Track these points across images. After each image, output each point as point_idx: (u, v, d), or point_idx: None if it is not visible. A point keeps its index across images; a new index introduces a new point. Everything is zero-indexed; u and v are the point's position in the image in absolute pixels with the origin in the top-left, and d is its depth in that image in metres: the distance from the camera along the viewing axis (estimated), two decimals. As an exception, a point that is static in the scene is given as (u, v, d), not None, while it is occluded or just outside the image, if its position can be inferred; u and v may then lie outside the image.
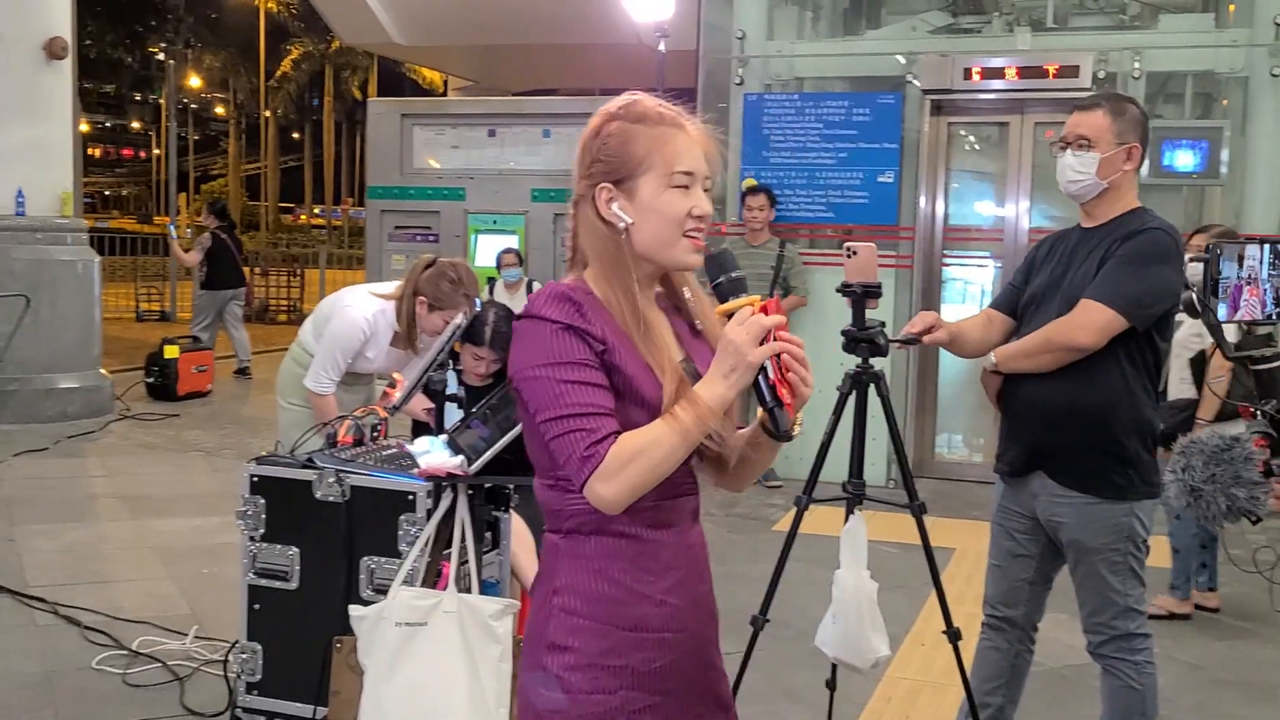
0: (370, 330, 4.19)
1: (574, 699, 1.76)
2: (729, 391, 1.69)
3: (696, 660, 1.86)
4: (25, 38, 9.05)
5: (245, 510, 3.54)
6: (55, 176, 9.39)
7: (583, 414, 1.69)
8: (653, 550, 1.80)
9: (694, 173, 1.81)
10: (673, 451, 1.68)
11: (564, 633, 1.78)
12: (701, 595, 1.89)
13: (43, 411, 8.91)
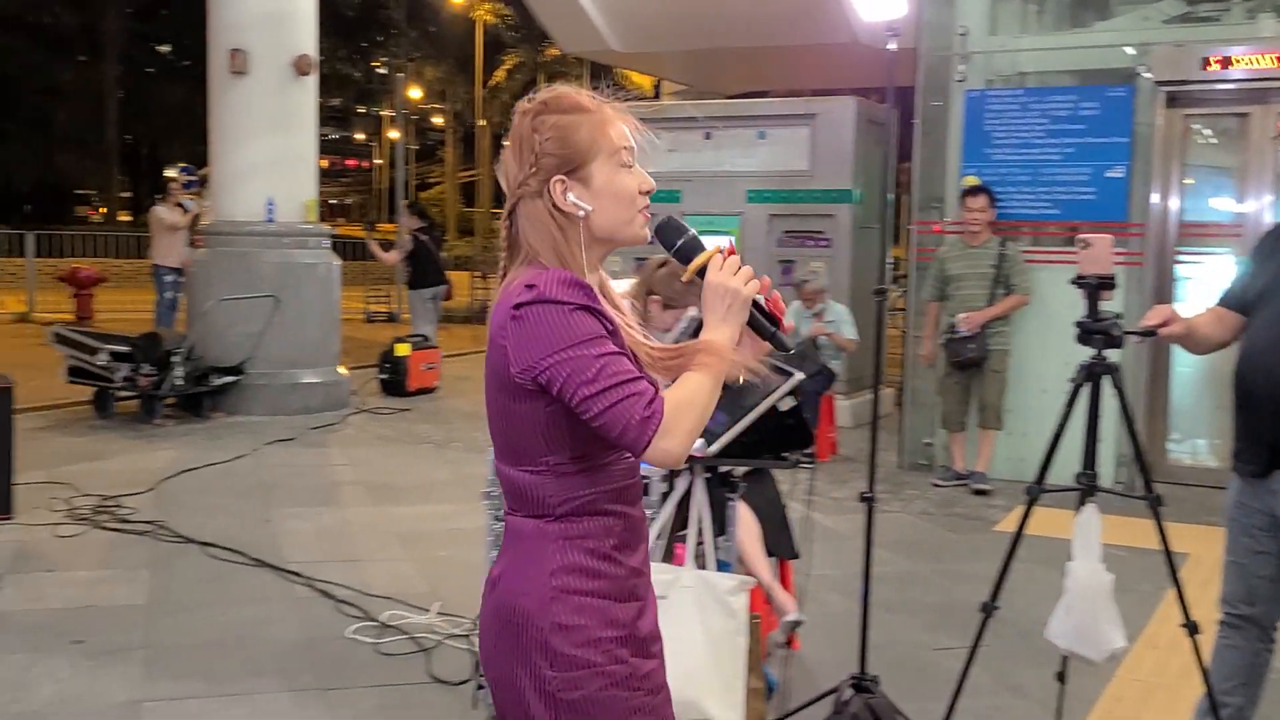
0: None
1: (588, 674, 1.81)
2: (734, 329, 1.82)
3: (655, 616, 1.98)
4: (276, 56, 9.66)
5: (490, 490, 3.75)
6: (301, 185, 10.00)
7: (628, 380, 1.74)
8: (633, 525, 1.90)
9: (634, 149, 1.88)
10: (712, 394, 1.79)
11: (569, 612, 1.82)
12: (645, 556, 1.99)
13: (288, 404, 9.50)
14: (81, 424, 8.87)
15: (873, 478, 3.78)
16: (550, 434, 1.81)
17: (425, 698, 4.08)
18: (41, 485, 6.74)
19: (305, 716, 3.92)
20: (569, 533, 1.84)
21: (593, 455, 1.82)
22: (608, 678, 1.82)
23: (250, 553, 5.65)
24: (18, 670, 4.21)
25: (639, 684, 1.85)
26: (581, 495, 1.83)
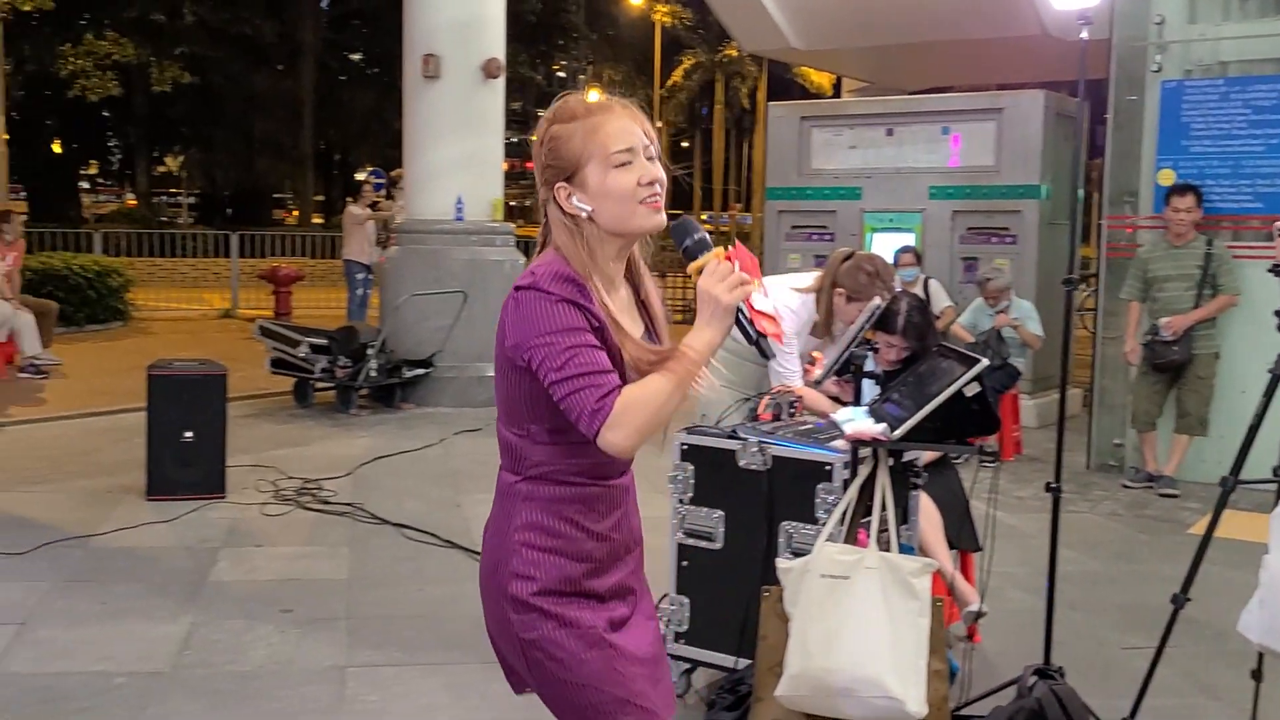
0: (797, 321, 4.47)
1: (544, 618, 2.03)
2: (714, 335, 1.90)
3: (634, 579, 2.17)
4: (466, 60, 10.00)
5: (675, 475, 3.86)
6: (488, 185, 10.32)
7: (589, 373, 1.90)
8: (600, 495, 2.08)
9: (632, 148, 2.00)
10: (670, 396, 1.90)
11: (525, 564, 2.05)
12: (634, 528, 2.18)
13: (475, 396, 9.81)
14: (283, 412, 9.35)
15: (1059, 460, 3.74)
16: (533, 405, 2.01)
17: (610, 675, 4.21)
18: (250, 468, 7.15)
19: (496, 687, 4.05)
20: (534, 494, 2.05)
21: (568, 431, 1.97)
22: (558, 622, 2.03)
23: (442, 534, 5.90)
24: (233, 635, 4.50)
25: (586, 632, 2.04)
26: (551, 464, 2.04)
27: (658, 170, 2.03)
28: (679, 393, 1.91)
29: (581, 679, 2.04)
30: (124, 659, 4.22)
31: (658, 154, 2.06)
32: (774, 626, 3.04)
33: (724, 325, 1.90)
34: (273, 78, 38.49)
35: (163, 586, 5.03)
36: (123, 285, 15.25)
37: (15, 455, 7.55)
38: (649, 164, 2.03)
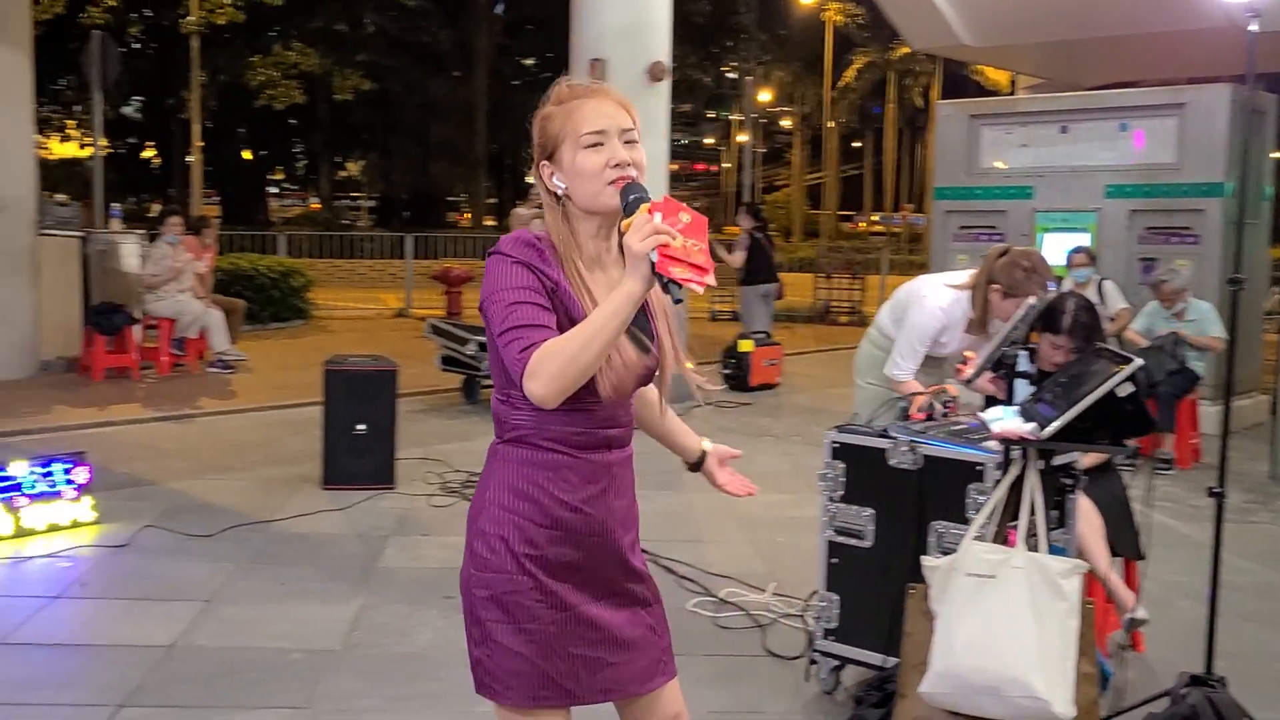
0: (946, 319, 4.44)
1: (496, 577, 2.10)
2: (633, 285, 1.88)
3: (610, 559, 2.17)
4: (631, 64, 10.13)
5: (826, 473, 3.88)
6: (652, 188, 10.29)
7: (520, 326, 1.98)
8: (573, 465, 2.11)
9: (604, 130, 2.07)
10: (584, 346, 1.91)
11: (492, 522, 2.12)
12: (618, 507, 2.18)
13: (632, 395, 9.93)
14: (452, 408, 9.65)
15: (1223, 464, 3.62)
16: (507, 369, 2.04)
17: (759, 669, 4.26)
18: (419, 461, 7.41)
19: (648, 677, 4.17)
20: (509, 456, 2.14)
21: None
22: (511, 584, 2.10)
23: (600, 529, 6.01)
24: (400, 617, 4.70)
25: (541, 597, 2.10)
26: (527, 428, 2.11)
27: (630, 154, 2.08)
28: (595, 343, 1.91)
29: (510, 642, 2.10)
30: (299, 636, 4.45)
31: (639, 139, 2.12)
32: (919, 624, 3.04)
33: (639, 274, 1.88)
34: (448, 84, 39.57)
35: (336, 570, 5.28)
36: (304, 285, 15.93)
37: (204, 445, 7.99)
38: (622, 147, 2.08)
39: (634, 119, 2.13)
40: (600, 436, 2.13)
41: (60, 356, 10.75)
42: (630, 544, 2.24)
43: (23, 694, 3.89)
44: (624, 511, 2.21)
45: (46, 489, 5.68)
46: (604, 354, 1.94)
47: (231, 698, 3.89)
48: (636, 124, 2.13)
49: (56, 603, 4.80)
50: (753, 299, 12.70)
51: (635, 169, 2.08)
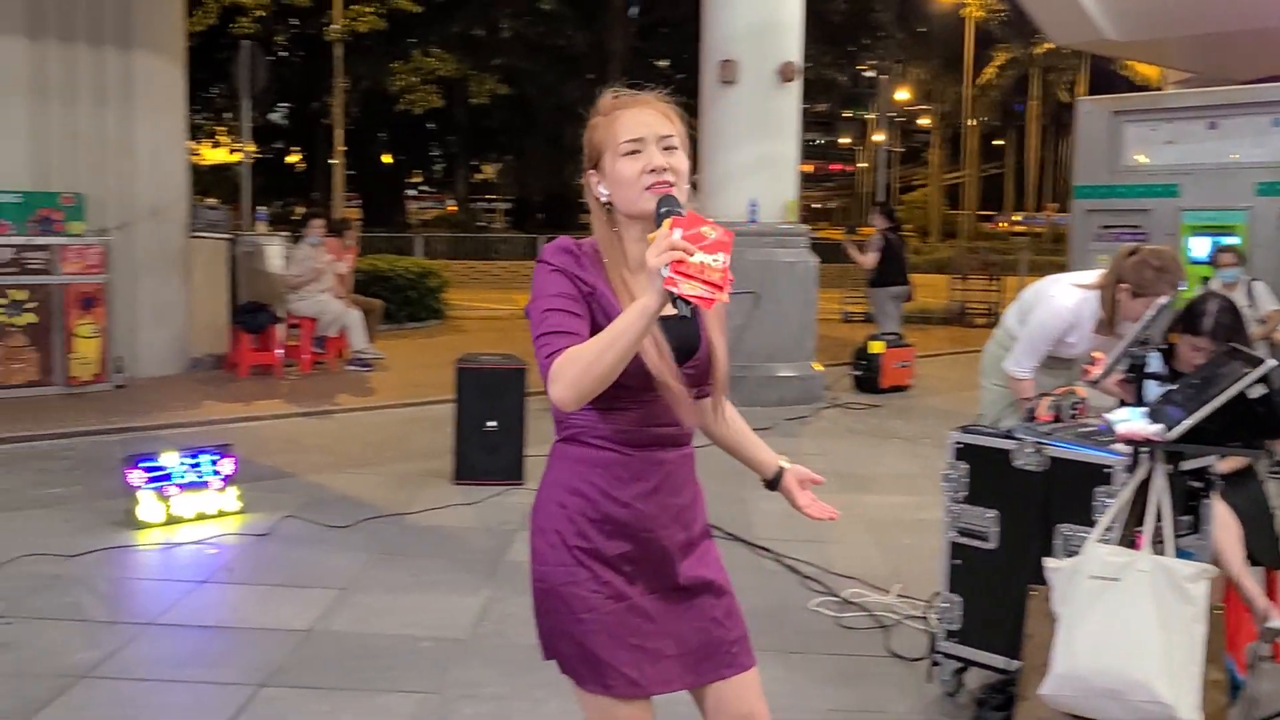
0: (1073, 319, 4.37)
1: (552, 570, 2.19)
2: (648, 300, 1.90)
3: (665, 553, 2.21)
4: (762, 64, 10.14)
5: (949, 474, 3.85)
6: (782, 188, 10.42)
7: (550, 333, 2.06)
8: (624, 463, 2.17)
9: (642, 138, 2.13)
10: (600, 354, 1.95)
11: (547, 518, 2.21)
12: (672, 505, 2.22)
13: (764, 396, 9.94)
14: (583, 406, 9.77)
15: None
16: None
17: (881, 669, 4.25)
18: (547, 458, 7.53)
19: (768, 673, 4.14)
20: (566, 454, 2.22)
21: (597, 398, 2.05)
22: (569, 576, 2.17)
23: (725, 527, 6.04)
24: (526, 609, 4.64)
25: (597, 588, 2.16)
26: (581, 427, 2.18)
27: (669, 159, 2.14)
28: (610, 352, 1.95)
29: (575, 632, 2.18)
30: (429, 625, 4.59)
31: (682, 146, 2.17)
32: (1041, 626, 3.01)
33: (654, 288, 1.90)
34: (583, 87, 39.97)
35: (465, 562, 5.41)
36: (440, 286, 16.29)
37: (342, 440, 8.26)
38: (659, 154, 2.13)
39: (676, 127, 2.18)
40: (651, 435, 2.18)
41: (209, 354, 11.21)
42: (689, 540, 2.27)
43: (172, 671, 4.09)
44: (680, 509, 2.24)
45: (195, 479, 5.95)
46: (619, 363, 1.96)
47: (365, 681, 4.04)
48: (678, 131, 2.18)
49: (203, 587, 5.03)
50: (884, 300, 12.60)
51: (673, 174, 2.13)
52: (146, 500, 5.78)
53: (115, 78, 10.26)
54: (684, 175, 2.15)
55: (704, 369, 2.22)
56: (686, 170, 2.17)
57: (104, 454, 7.24)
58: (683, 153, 2.18)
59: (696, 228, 1.91)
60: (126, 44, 10.28)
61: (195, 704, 3.83)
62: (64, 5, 9.96)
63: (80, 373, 9.57)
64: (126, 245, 10.27)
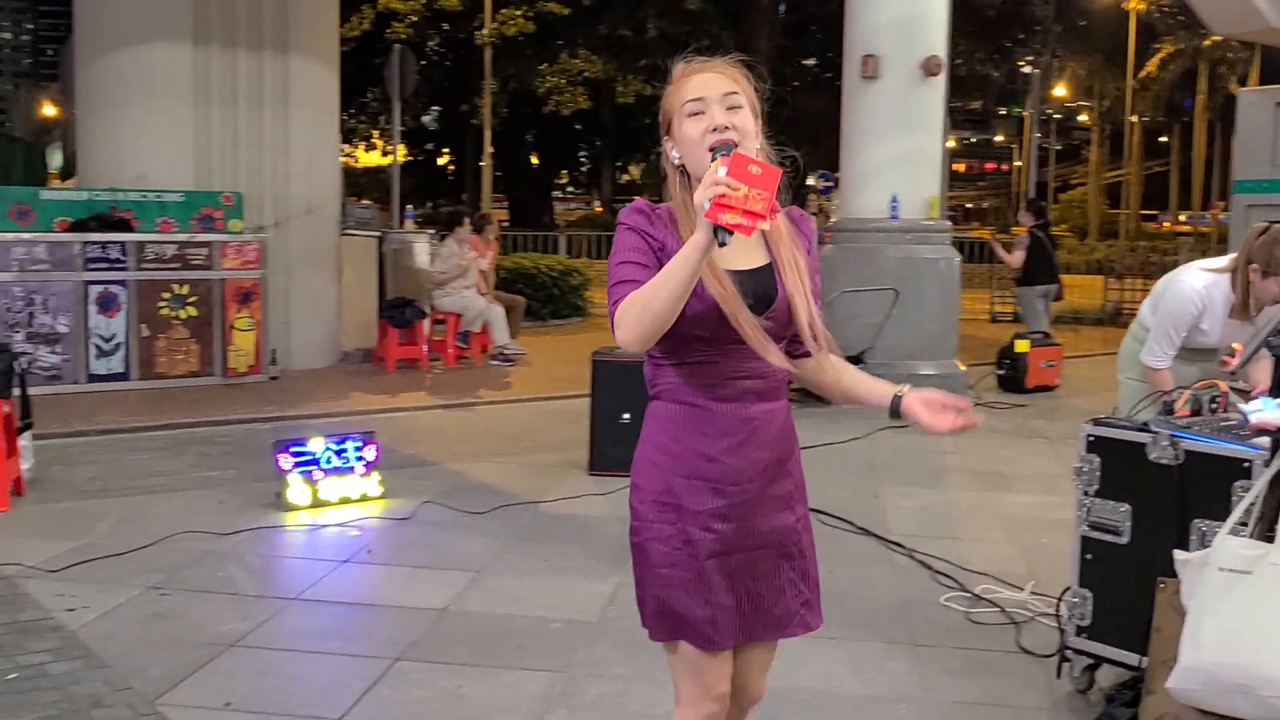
0: (1203, 303, 4.26)
1: (642, 524, 2.25)
2: (698, 235, 1.95)
3: (752, 509, 2.25)
4: (905, 58, 10.02)
5: (1081, 467, 3.78)
6: (924, 183, 10.29)
7: (618, 283, 2.14)
8: (709, 417, 2.21)
9: (703, 97, 2.18)
10: (655, 294, 2.01)
11: (640, 475, 2.28)
12: (759, 459, 2.24)
13: (905, 394, 9.82)
14: (720, 402, 9.81)
15: None
16: None
17: (1010, 665, 4.19)
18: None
19: (894, 665, 4.18)
20: (655, 413, 2.29)
21: (678, 352, 2.20)
22: (654, 532, 2.24)
23: (857, 522, 6.02)
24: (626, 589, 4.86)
25: (680, 545, 2.21)
26: (667, 383, 2.24)
27: (731, 118, 2.17)
28: (663, 291, 2.00)
29: (654, 585, 2.25)
30: (560, 608, 4.68)
31: (749, 104, 2.21)
32: (1169, 619, 2.94)
33: (702, 225, 1.94)
34: (728, 86, 39.92)
35: (596, 550, 5.50)
36: (581, 284, 16.51)
37: (483, 431, 8.45)
38: (722, 112, 2.17)
39: (740, 85, 2.22)
40: (736, 388, 2.22)
41: (358, 348, 11.59)
42: (779, 496, 2.30)
43: (314, 643, 4.27)
44: (768, 463, 2.26)
45: (340, 465, 6.18)
46: (674, 301, 2.00)
47: (496, 659, 4.15)
48: (744, 89, 2.21)
49: (345, 566, 5.22)
50: (1032, 299, 12.30)
51: (736, 131, 2.16)
52: (295, 483, 6.02)
53: (273, 81, 10.69)
54: (749, 132, 2.19)
55: (783, 319, 2.24)
56: (753, 127, 2.20)
57: (257, 440, 7.56)
58: (748, 111, 2.21)
59: (743, 166, 1.95)
60: (283, 48, 10.71)
61: (333, 674, 3.99)
62: (226, 13, 10.43)
63: (237, 364, 10.00)
64: (281, 242, 10.70)
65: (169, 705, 3.67)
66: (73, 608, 4.52)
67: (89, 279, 9.46)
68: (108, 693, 3.76)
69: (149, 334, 9.67)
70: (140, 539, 5.43)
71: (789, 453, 2.33)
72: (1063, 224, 49.81)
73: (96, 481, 6.64)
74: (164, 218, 9.94)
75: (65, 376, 9.34)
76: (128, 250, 9.58)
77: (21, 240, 9.30)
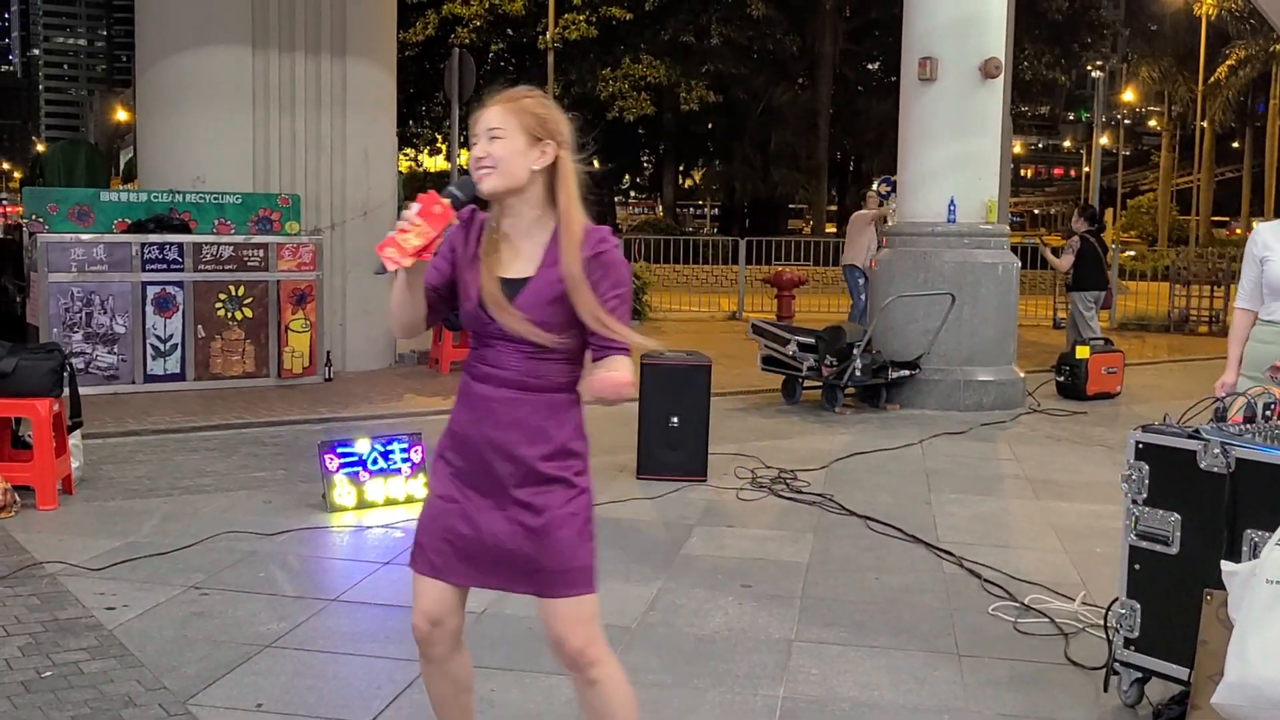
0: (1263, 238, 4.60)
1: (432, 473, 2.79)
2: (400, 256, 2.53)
3: (486, 476, 2.66)
4: (964, 60, 9.86)
5: (1129, 475, 3.66)
6: (983, 186, 10.10)
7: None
8: (467, 392, 2.69)
9: (477, 132, 2.59)
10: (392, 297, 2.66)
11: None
12: (492, 437, 2.64)
13: (961, 400, 9.68)
14: (770, 408, 9.72)
15: None
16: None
17: (1058, 676, 4.07)
18: (732, 456, 7.52)
19: (937, 675, 4.09)
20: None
21: (469, 339, 2.71)
22: (430, 473, 2.86)
23: (907, 529, 5.92)
24: (696, 602, 4.81)
25: (438, 486, 2.74)
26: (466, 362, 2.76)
27: (489, 148, 2.57)
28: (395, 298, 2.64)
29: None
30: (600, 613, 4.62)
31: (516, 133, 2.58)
32: (1215, 632, 2.83)
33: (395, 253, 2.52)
34: (791, 91, 39.79)
35: (641, 554, 5.45)
36: (639, 288, 16.47)
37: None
38: (486, 143, 2.58)
39: (505, 120, 2.58)
40: (480, 371, 2.66)
41: (413, 350, 11.64)
42: (517, 473, 2.63)
43: (350, 645, 4.26)
44: (502, 442, 2.63)
45: (386, 466, 6.18)
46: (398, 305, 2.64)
47: (531, 663, 4.10)
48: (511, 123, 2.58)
49: (387, 568, 5.21)
50: (1081, 304, 12.07)
51: (490, 159, 2.56)
52: (340, 484, 6.03)
53: (331, 84, 10.77)
54: (504, 158, 2.57)
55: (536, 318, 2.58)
56: (508, 153, 2.57)
57: (307, 441, 7.59)
58: (512, 141, 2.57)
59: (430, 206, 2.49)
60: (341, 52, 10.79)
61: (367, 676, 3.97)
62: (285, 17, 10.52)
63: (292, 365, 10.08)
64: (338, 244, 10.78)
65: (200, 705, 3.67)
66: (112, 606, 4.56)
67: (146, 280, 9.58)
68: (140, 692, 3.76)
69: (205, 335, 9.77)
70: (184, 538, 5.46)
71: (536, 437, 2.63)
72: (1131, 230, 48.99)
73: (145, 481, 6.70)
74: (221, 219, 10.06)
75: (122, 377, 9.46)
76: (185, 251, 9.69)
77: (81, 241, 9.44)
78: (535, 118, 2.61)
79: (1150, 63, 46.73)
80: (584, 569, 2.69)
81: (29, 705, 3.64)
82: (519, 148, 2.58)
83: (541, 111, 2.63)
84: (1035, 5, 33.88)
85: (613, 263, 2.62)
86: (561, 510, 2.66)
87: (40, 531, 5.60)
